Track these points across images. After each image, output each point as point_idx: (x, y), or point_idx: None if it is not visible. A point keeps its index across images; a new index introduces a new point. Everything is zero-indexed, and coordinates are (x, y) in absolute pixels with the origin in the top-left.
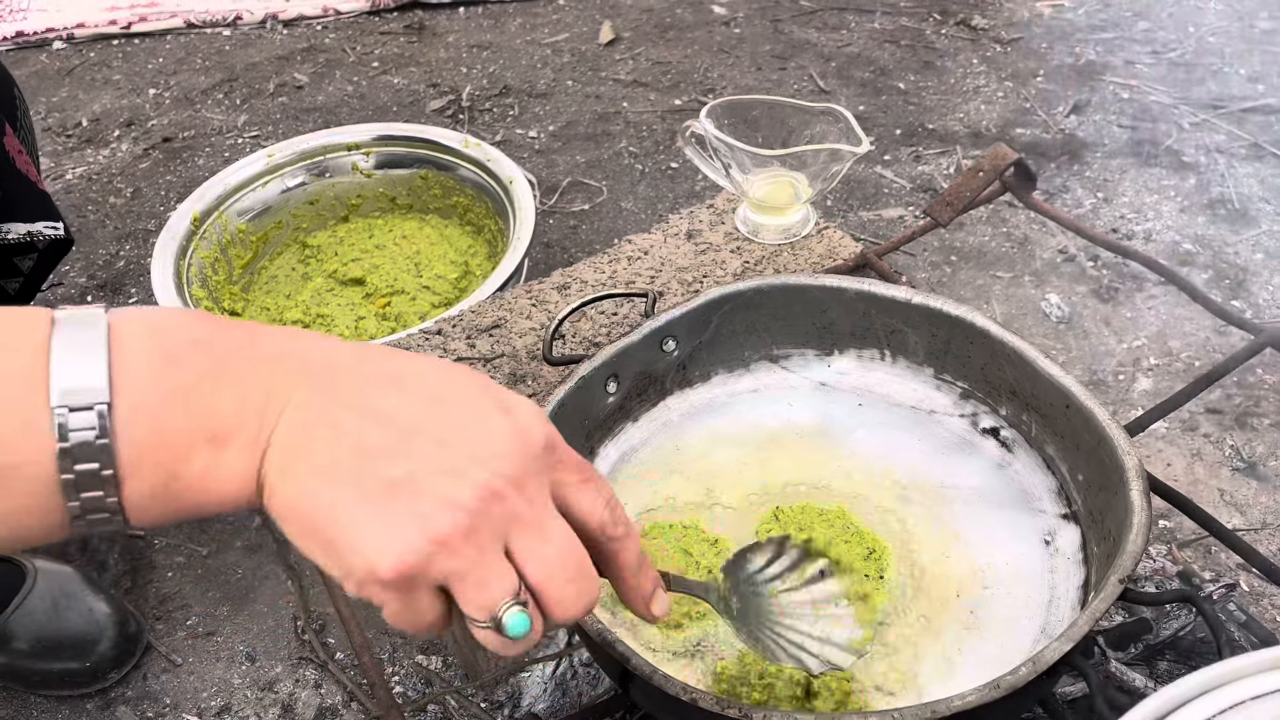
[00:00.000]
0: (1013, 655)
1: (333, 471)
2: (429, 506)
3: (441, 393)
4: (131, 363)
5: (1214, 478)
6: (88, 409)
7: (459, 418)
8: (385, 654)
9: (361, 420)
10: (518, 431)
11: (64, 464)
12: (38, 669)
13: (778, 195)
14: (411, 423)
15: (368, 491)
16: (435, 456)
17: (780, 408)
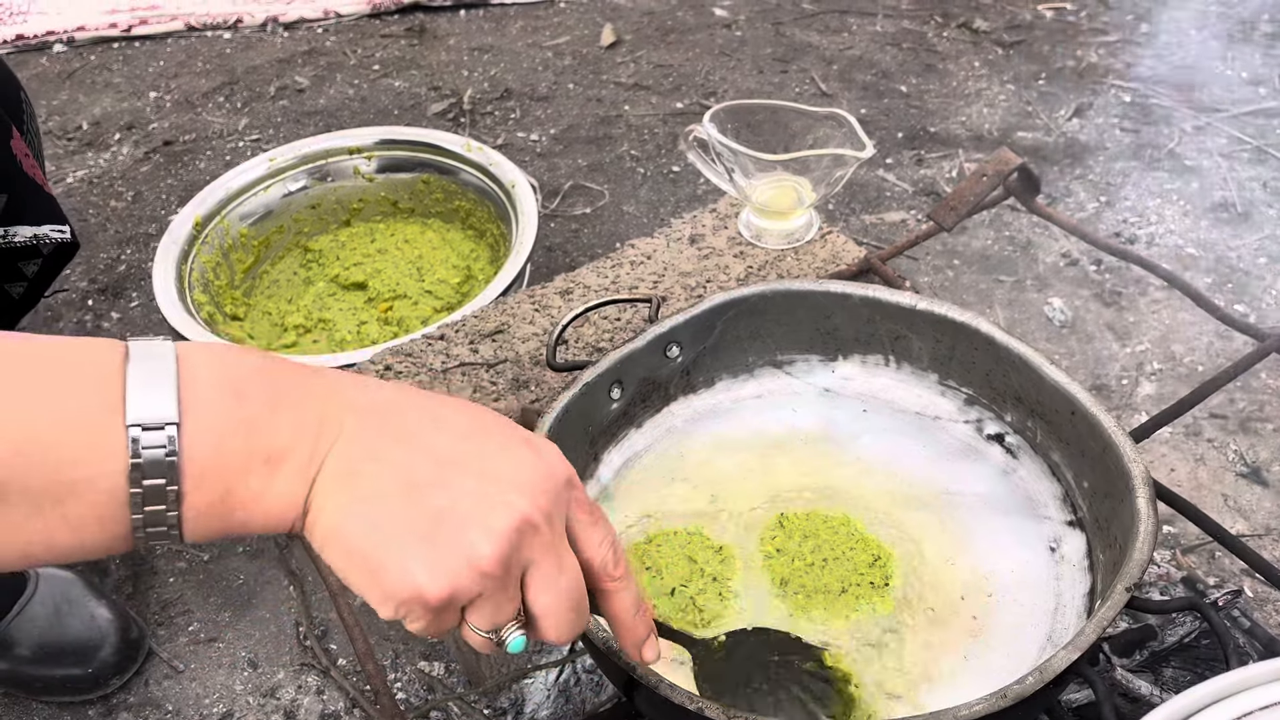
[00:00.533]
0: (1018, 663)
1: (380, 501)
2: (474, 536)
3: (472, 429)
4: (199, 389)
5: (1218, 483)
6: (159, 429)
7: (492, 452)
8: (388, 660)
9: (407, 453)
10: (545, 465)
11: (134, 478)
12: (40, 675)
13: (781, 200)
14: (450, 456)
15: (414, 521)
16: (475, 488)
17: (784, 413)
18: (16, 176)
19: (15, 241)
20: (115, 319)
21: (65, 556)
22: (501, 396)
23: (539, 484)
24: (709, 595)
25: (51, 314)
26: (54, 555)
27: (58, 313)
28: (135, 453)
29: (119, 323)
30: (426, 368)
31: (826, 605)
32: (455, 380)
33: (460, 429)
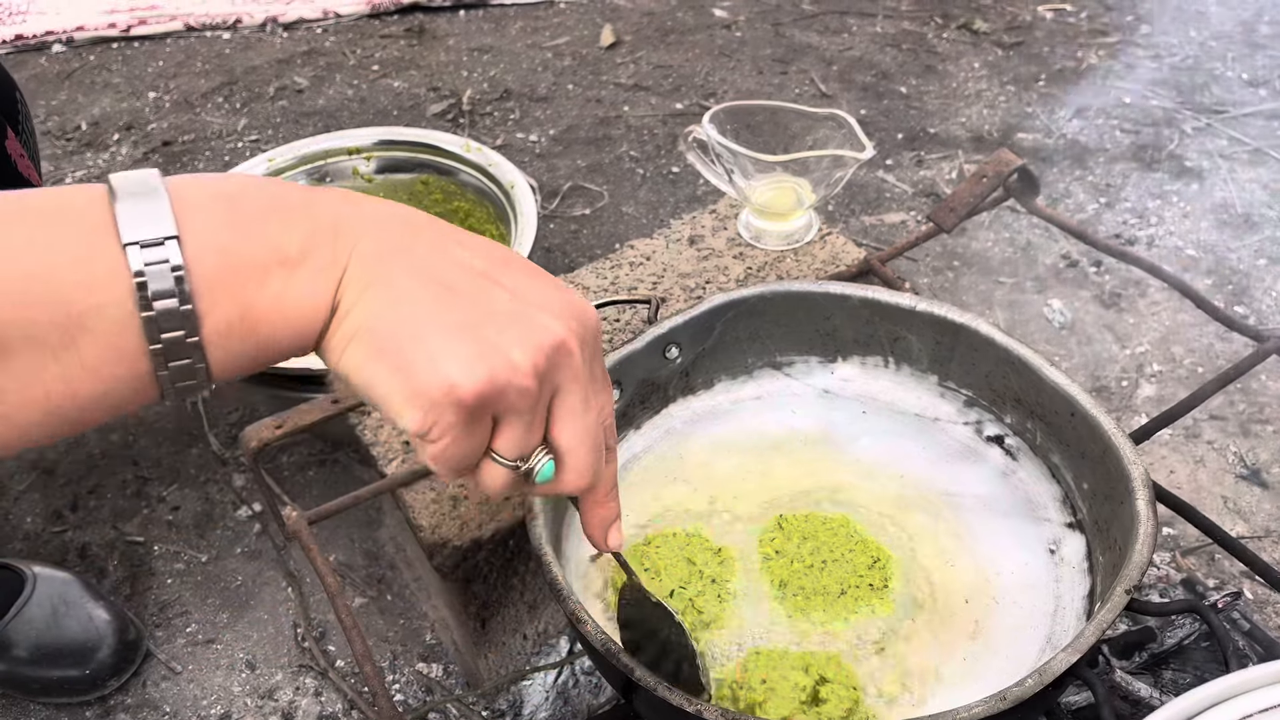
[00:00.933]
0: (1018, 665)
1: (418, 295)
2: (510, 341)
3: (505, 255)
4: (193, 203)
5: (1217, 485)
6: (157, 244)
7: (527, 278)
8: (386, 662)
9: (439, 259)
10: (578, 302)
11: (142, 300)
12: (37, 676)
13: (780, 201)
14: (483, 269)
15: (453, 316)
16: (509, 303)
17: (783, 415)
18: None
19: None
20: None
21: (94, 409)
22: None
23: (573, 314)
24: (708, 597)
25: None
26: (80, 407)
27: None
28: (138, 271)
29: None
30: None
31: (825, 607)
32: None
33: (493, 253)
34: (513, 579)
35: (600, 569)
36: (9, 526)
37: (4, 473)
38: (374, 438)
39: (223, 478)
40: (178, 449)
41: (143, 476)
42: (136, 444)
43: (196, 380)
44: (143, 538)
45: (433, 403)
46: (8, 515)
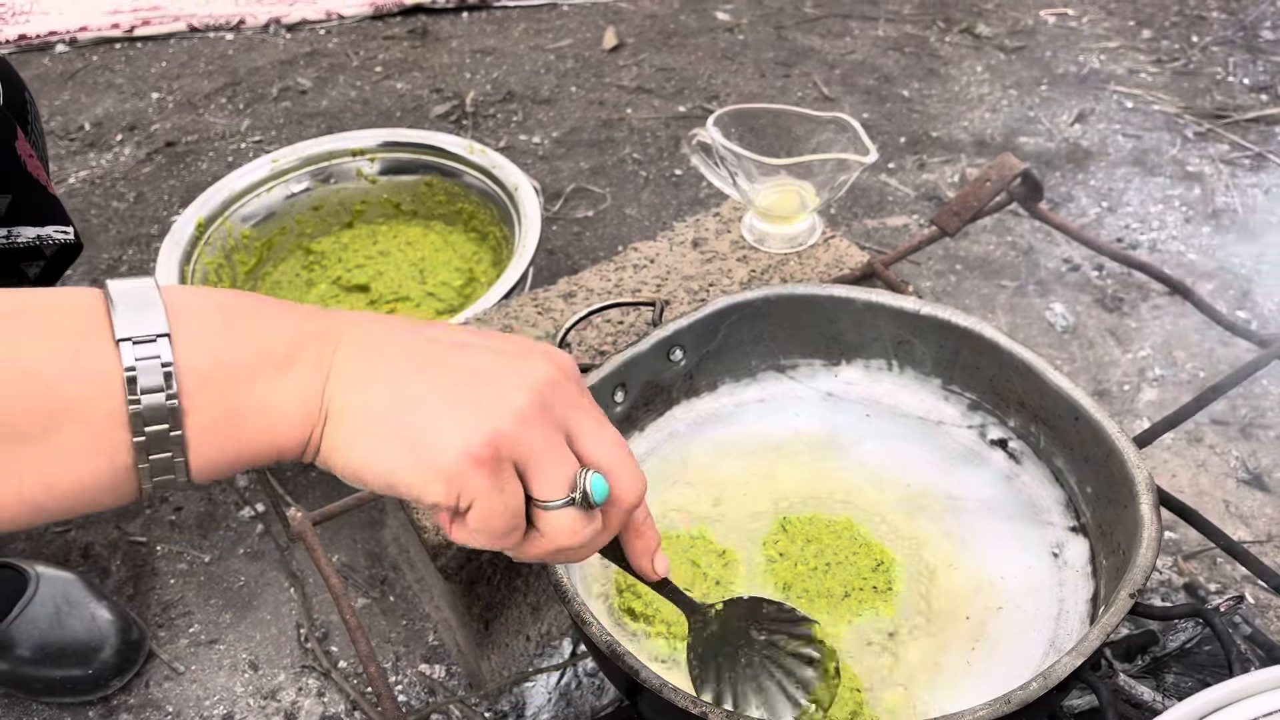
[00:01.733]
0: (1021, 669)
1: (405, 372)
2: (506, 389)
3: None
4: (185, 307)
5: (1219, 489)
6: (150, 340)
7: (499, 339)
8: (389, 663)
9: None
10: (555, 350)
11: (131, 393)
12: (40, 676)
13: (784, 204)
14: (462, 340)
15: (444, 383)
16: (494, 358)
17: (787, 418)
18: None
19: (18, 242)
20: None
21: (71, 501)
22: None
23: (550, 357)
24: (712, 599)
25: None
26: (57, 498)
27: None
28: (129, 366)
29: None
30: None
31: (829, 609)
32: None
33: (455, 328)
34: (516, 580)
35: (603, 571)
36: None
37: None
38: None
39: (225, 479)
40: None
41: None
42: None
43: (175, 476)
44: (145, 538)
45: (451, 473)
46: None
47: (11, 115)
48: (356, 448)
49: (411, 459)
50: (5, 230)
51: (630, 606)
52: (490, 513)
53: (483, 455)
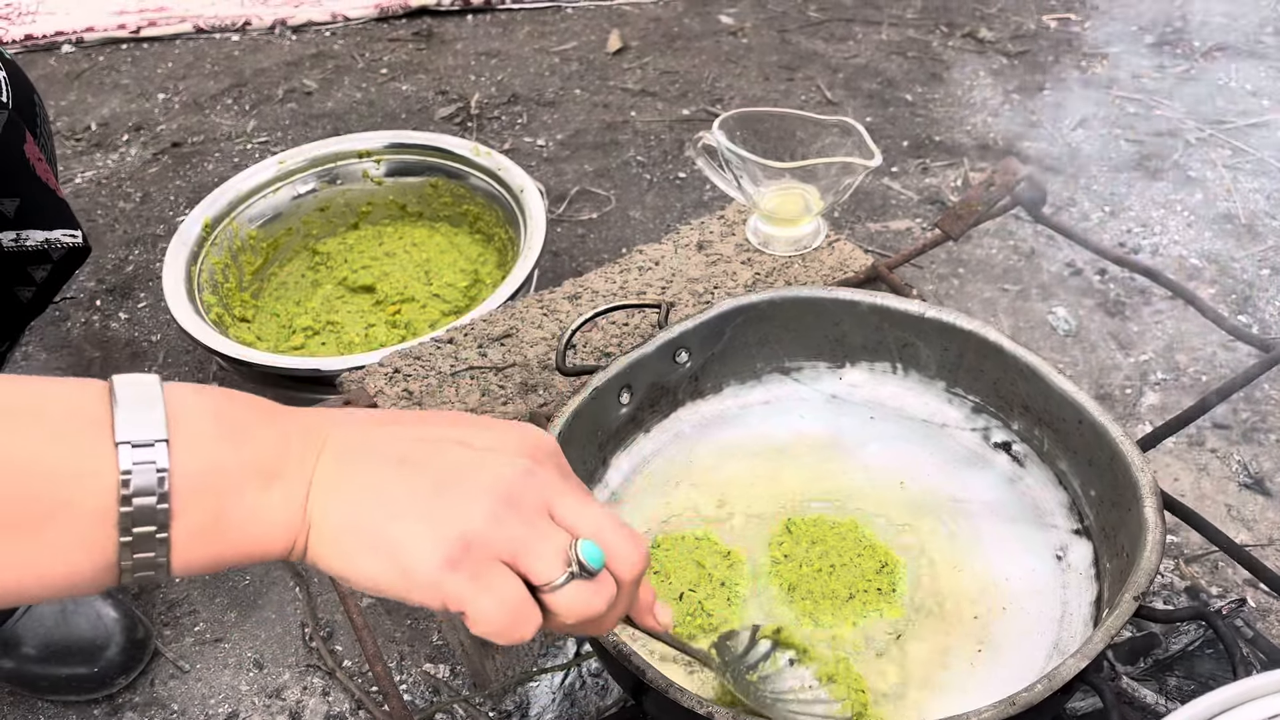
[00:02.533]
0: (1025, 671)
1: (380, 484)
2: (474, 487)
3: (456, 416)
4: (183, 412)
5: (1221, 493)
6: (149, 445)
7: (477, 428)
8: (393, 662)
9: (394, 439)
10: (534, 431)
11: (124, 496)
12: (46, 674)
13: (789, 207)
14: (440, 436)
15: (420, 487)
16: (467, 453)
17: (792, 420)
18: (30, 181)
19: (26, 245)
20: (123, 319)
21: (52, 589)
22: (510, 400)
23: (527, 440)
24: (717, 600)
25: (59, 314)
26: (41, 586)
27: (65, 313)
28: (125, 469)
29: (127, 323)
30: (435, 370)
31: (834, 611)
32: (463, 383)
33: (440, 420)
34: None
35: None
36: None
37: None
38: None
39: None
40: None
41: None
42: None
43: (155, 573)
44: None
45: (430, 581)
46: None
47: (20, 119)
48: (340, 557)
49: (393, 569)
50: (14, 234)
51: None
52: (485, 614)
53: (457, 559)
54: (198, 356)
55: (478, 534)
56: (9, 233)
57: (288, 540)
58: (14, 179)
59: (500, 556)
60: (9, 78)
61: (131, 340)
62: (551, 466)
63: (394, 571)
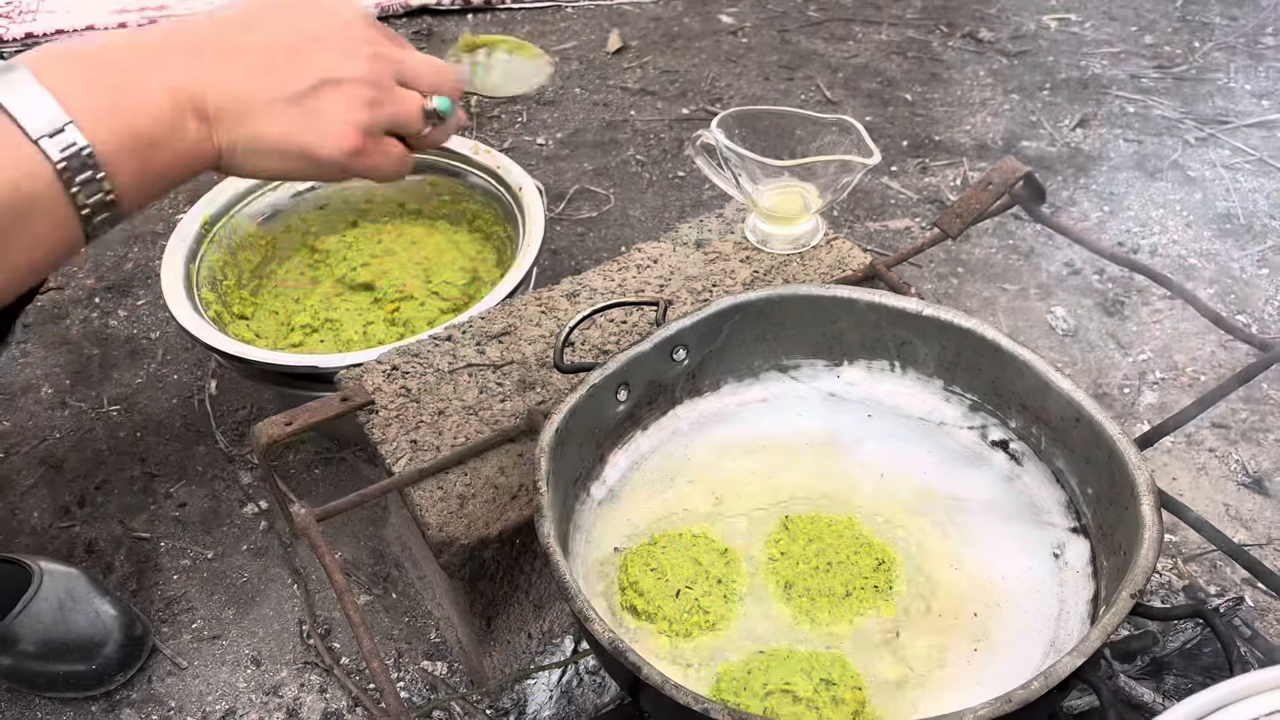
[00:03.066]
0: (1021, 668)
1: (276, 108)
2: (351, 88)
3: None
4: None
5: (1219, 492)
6: (60, 130)
7: (309, 23)
8: (391, 660)
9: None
10: (346, 16)
11: (66, 178)
12: (43, 671)
13: (787, 205)
14: (293, 41)
15: (310, 108)
16: (327, 57)
17: (789, 418)
18: None
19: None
20: (122, 317)
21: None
22: (508, 398)
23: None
24: (714, 597)
25: (58, 311)
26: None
27: (64, 310)
28: (58, 160)
29: (125, 320)
30: (433, 368)
31: (830, 608)
32: (461, 381)
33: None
34: (518, 578)
35: (606, 568)
36: (15, 522)
37: (11, 468)
38: (382, 435)
39: (229, 475)
40: (184, 446)
41: (150, 473)
42: (144, 441)
43: (111, 214)
44: (149, 534)
45: (342, 165)
46: (14, 511)
47: None
48: (258, 168)
49: (307, 165)
50: None
51: (632, 604)
52: (384, 171)
53: (357, 147)
54: (196, 354)
55: (365, 123)
56: None
57: (210, 159)
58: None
59: (384, 129)
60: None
61: (130, 338)
62: (379, 35)
63: (309, 167)
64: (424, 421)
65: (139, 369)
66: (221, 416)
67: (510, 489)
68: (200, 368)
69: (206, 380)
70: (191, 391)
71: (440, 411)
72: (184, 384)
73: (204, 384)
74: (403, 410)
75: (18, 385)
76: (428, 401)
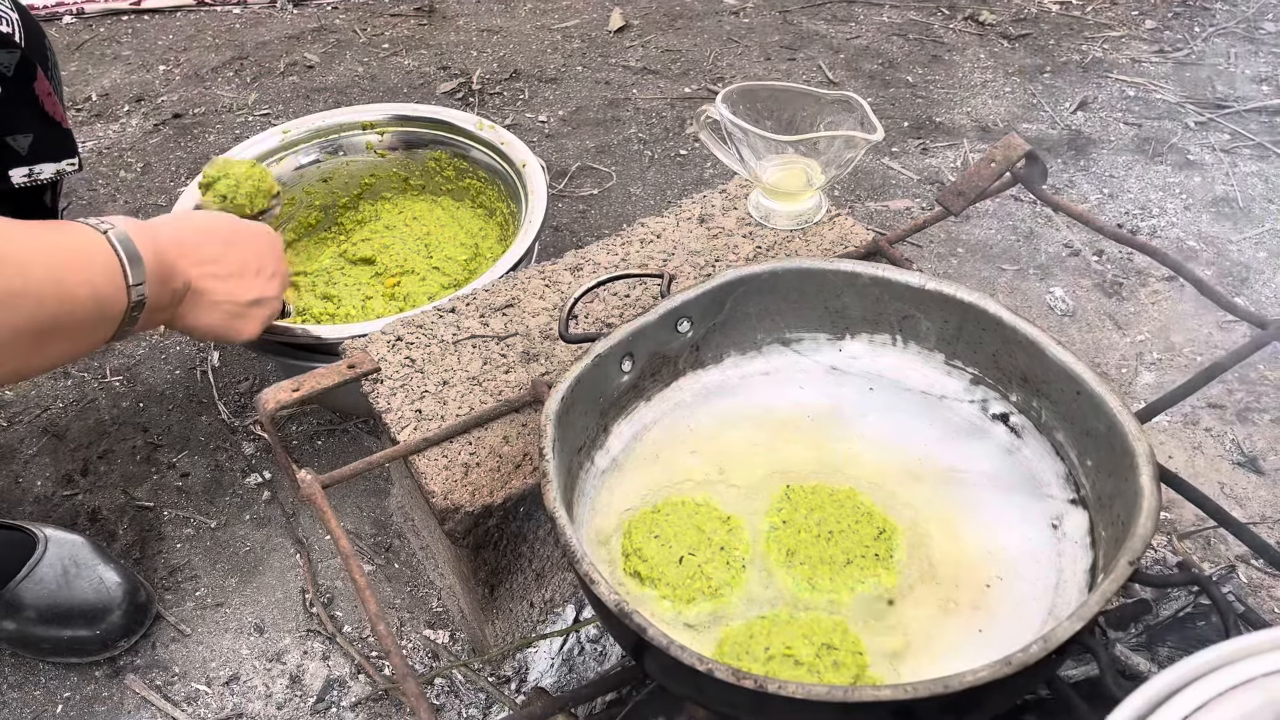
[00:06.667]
0: (1021, 635)
1: (214, 313)
2: (268, 306)
3: (227, 238)
4: (149, 265)
5: (1214, 471)
6: (139, 285)
7: (245, 250)
8: (393, 629)
9: (234, 270)
10: (271, 243)
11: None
12: (48, 637)
13: (790, 181)
14: (231, 269)
15: (240, 314)
16: (262, 284)
17: (792, 390)
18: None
19: (40, 179)
20: None
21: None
22: (511, 369)
23: (276, 257)
24: (716, 564)
25: None
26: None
27: None
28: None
29: None
30: (437, 339)
31: (831, 576)
32: (465, 351)
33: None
34: (521, 546)
35: (609, 536)
36: (19, 490)
37: (14, 437)
38: (386, 405)
39: (232, 446)
40: (187, 417)
41: (153, 443)
42: (146, 411)
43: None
44: (152, 503)
45: (248, 339)
46: (18, 479)
47: (33, 56)
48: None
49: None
50: (27, 169)
51: (636, 570)
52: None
53: (257, 330)
54: None
55: (263, 320)
56: (22, 169)
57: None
58: (27, 116)
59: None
60: (20, 19)
61: None
62: (284, 273)
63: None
64: (428, 391)
65: (141, 339)
66: (224, 388)
67: (514, 458)
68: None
69: (209, 352)
70: (194, 363)
71: (444, 382)
72: (186, 355)
73: (206, 355)
74: (407, 380)
75: None
76: (431, 371)
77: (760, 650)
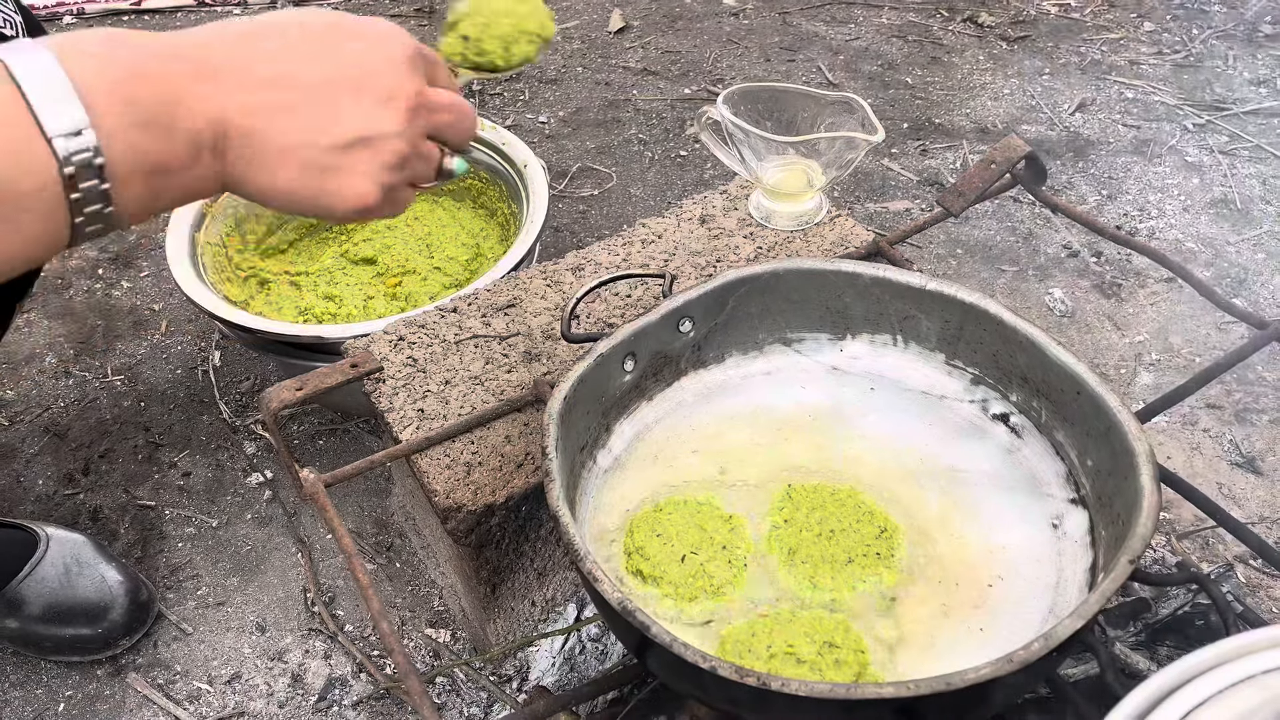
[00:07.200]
0: (1021, 635)
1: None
2: (382, 149)
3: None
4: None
5: (1212, 471)
6: (77, 133)
7: (336, 54)
8: (395, 626)
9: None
10: (394, 54)
11: (69, 184)
12: (49, 635)
13: (791, 182)
14: (304, 87)
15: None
16: (363, 108)
17: (793, 390)
18: None
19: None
20: (126, 288)
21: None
22: (513, 369)
23: (401, 73)
24: (719, 563)
25: (62, 281)
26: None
27: (68, 280)
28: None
29: (129, 291)
30: (439, 339)
31: (833, 575)
32: (467, 351)
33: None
34: (524, 545)
35: (612, 535)
36: (21, 489)
37: (16, 436)
38: (389, 404)
39: (234, 445)
40: (189, 416)
41: (154, 442)
42: (148, 411)
43: (103, 226)
44: (154, 502)
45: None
46: (19, 478)
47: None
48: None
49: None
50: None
51: (638, 569)
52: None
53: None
54: (200, 325)
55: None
56: None
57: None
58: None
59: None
60: (22, 20)
61: (134, 308)
62: (421, 77)
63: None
64: (430, 391)
65: (142, 339)
66: (225, 388)
67: (516, 458)
68: (204, 339)
69: (210, 351)
70: (195, 363)
71: (447, 381)
72: (188, 355)
73: (208, 355)
74: (409, 379)
75: (21, 354)
76: (434, 371)
77: (762, 648)
